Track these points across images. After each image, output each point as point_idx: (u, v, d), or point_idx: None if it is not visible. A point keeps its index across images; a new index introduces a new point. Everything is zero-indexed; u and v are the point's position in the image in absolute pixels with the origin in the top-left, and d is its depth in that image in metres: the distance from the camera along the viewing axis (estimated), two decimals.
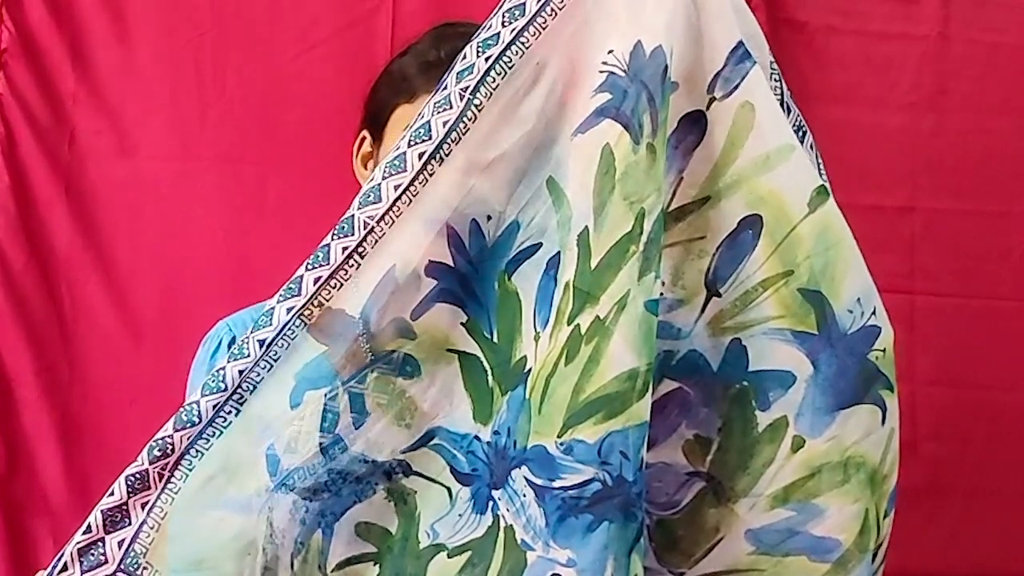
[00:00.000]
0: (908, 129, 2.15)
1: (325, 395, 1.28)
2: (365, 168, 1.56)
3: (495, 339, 1.32)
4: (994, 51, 2.15)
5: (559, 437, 1.23)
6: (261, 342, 1.27)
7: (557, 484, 1.23)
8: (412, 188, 1.28)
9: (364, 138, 1.56)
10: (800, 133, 1.34)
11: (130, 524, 1.27)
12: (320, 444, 1.28)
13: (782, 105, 1.33)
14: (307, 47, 2.06)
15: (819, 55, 2.09)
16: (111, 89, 2.05)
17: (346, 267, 1.28)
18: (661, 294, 1.26)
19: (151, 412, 1.98)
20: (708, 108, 1.29)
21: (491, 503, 1.29)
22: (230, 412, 1.28)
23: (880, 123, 2.14)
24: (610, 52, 1.29)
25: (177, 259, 2.05)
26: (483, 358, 1.32)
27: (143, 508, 1.28)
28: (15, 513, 2.02)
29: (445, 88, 1.29)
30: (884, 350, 1.29)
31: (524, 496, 1.26)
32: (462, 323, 1.31)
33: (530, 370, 1.29)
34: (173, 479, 1.28)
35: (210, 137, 2.05)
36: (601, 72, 1.29)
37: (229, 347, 1.52)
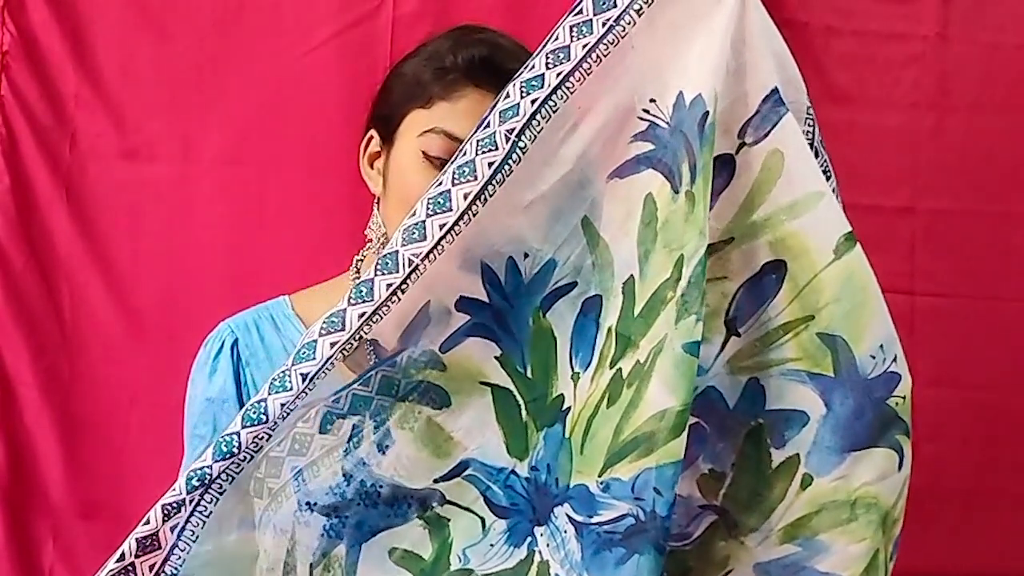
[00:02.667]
0: (908, 129, 2.15)
1: (353, 421, 1.32)
2: (371, 167, 1.55)
3: (529, 374, 1.35)
4: (994, 51, 2.15)
5: (599, 476, 1.28)
6: (304, 376, 1.30)
7: (595, 520, 1.28)
8: (456, 227, 1.31)
9: (372, 138, 1.55)
10: (825, 175, 1.35)
11: (160, 548, 1.30)
12: (343, 467, 1.32)
13: (811, 148, 1.35)
14: (308, 49, 2.06)
15: (819, 55, 2.09)
16: (112, 91, 2.05)
17: (389, 303, 1.31)
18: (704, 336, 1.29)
19: (151, 412, 2.00)
20: (737, 152, 1.32)
21: (529, 538, 1.34)
22: (262, 439, 1.31)
23: (880, 123, 2.14)
24: (652, 101, 1.32)
25: (178, 260, 2.05)
26: (516, 392, 1.35)
27: (172, 531, 1.30)
28: (15, 513, 2.03)
29: (488, 126, 1.32)
30: (904, 397, 1.32)
31: (566, 532, 1.31)
32: (495, 357, 1.35)
33: (568, 409, 1.33)
34: (203, 502, 1.30)
35: (211, 138, 2.05)
36: (642, 120, 1.33)
37: (232, 348, 1.52)
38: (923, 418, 2.02)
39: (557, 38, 1.33)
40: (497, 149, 1.31)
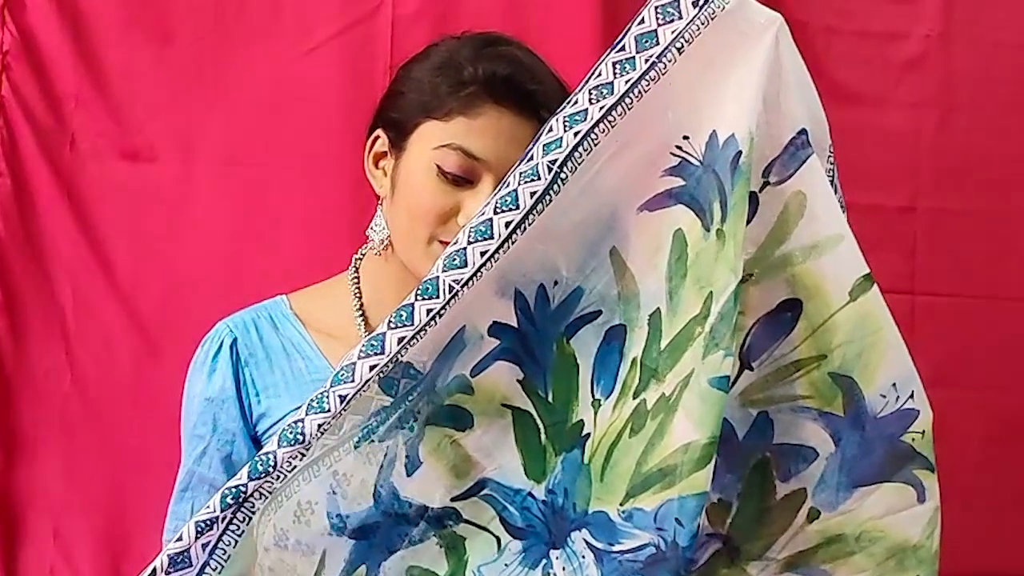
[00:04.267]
0: (909, 129, 2.15)
1: (386, 445, 1.34)
2: (376, 167, 1.53)
3: (550, 398, 1.38)
4: (995, 51, 2.16)
5: (621, 505, 1.31)
6: (342, 397, 1.32)
7: (616, 548, 1.31)
8: (496, 255, 1.33)
9: (378, 137, 1.52)
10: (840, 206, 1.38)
11: (191, 566, 1.32)
12: (375, 491, 1.34)
13: (832, 185, 1.37)
14: (307, 49, 2.06)
15: (820, 55, 2.09)
16: (112, 91, 2.05)
17: (427, 328, 1.33)
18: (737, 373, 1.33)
19: (151, 412, 2.00)
20: (761, 190, 1.33)
21: (544, 561, 1.36)
22: (296, 458, 1.33)
23: (881, 123, 2.14)
24: (686, 138, 1.35)
25: (178, 260, 2.05)
26: (536, 416, 1.38)
27: (204, 549, 1.32)
28: (15, 512, 2.03)
29: (531, 159, 1.34)
30: (923, 432, 1.34)
31: (583, 558, 1.34)
32: (518, 380, 1.37)
33: (587, 435, 1.36)
34: (236, 520, 1.33)
35: (211, 139, 2.05)
36: (674, 155, 1.35)
37: (232, 348, 1.52)
38: None
39: (600, 74, 1.35)
40: (539, 179, 1.33)
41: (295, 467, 1.32)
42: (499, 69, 1.44)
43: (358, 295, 1.54)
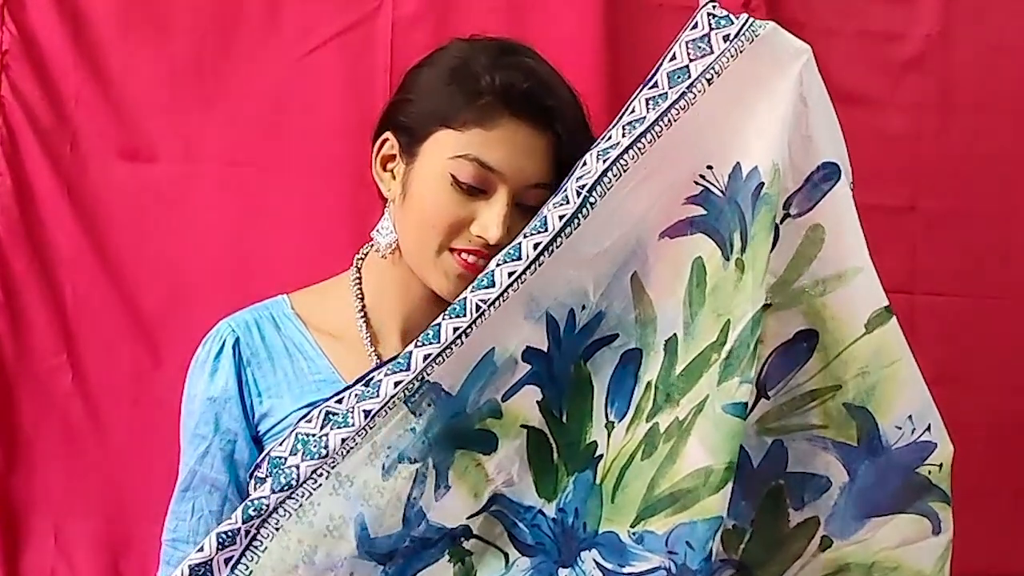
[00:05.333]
0: (910, 129, 2.15)
1: (417, 468, 1.35)
2: (384, 170, 1.51)
3: (564, 419, 1.40)
4: (995, 51, 2.15)
5: (632, 527, 1.33)
6: (366, 412, 1.35)
7: (626, 569, 1.33)
8: (523, 276, 1.36)
9: (387, 140, 1.50)
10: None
11: None
12: (404, 515, 1.35)
13: None
14: (308, 49, 2.06)
15: (820, 56, 2.08)
16: (113, 91, 2.05)
17: (453, 346, 1.35)
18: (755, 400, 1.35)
19: (152, 412, 1.99)
20: (782, 222, 1.35)
21: None
22: (322, 475, 1.34)
23: (882, 123, 2.14)
24: (709, 168, 1.37)
25: (178, 259, 2.05)
26: (550, 435, 1.39)
27: (226, 564, 1.33)
28: (15, 513, 2.02)
29: (564, 190, 1.37)
30: (940, 465, 1.37)
31: None
32: (537, 401, 1.39)
33: (600, 456, 1.38)
34: (259, 537, 1.33)
35: (211, 139, 2.05)
36: (697, 184, 1.38)
37: (234, 348, 1.51)
38: None
39: (633, 110, 1.39)
40: (569, 204, 1.36)
41: (319, 483, 1.34)
42: (517, 81, 1.43)
43: (360, 296, 1.54)
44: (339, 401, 1.43)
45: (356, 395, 1.35)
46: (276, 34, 2.06)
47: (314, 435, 1.35)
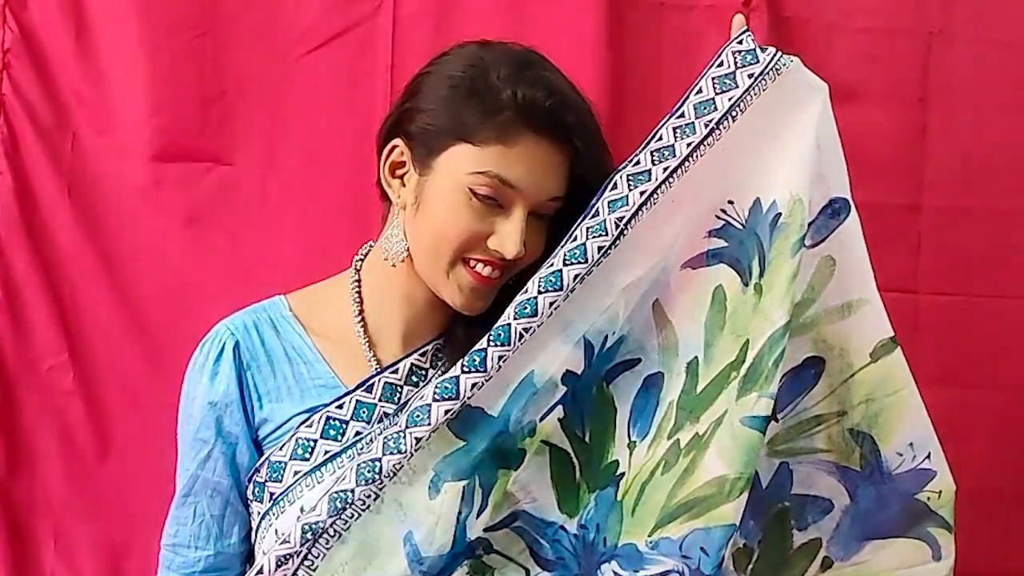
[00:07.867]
0: (913, 127, 2.14)
1: (463, 487, 1.38)
2: (394, 177, 1.49)
3: (586, 438, 1.43)
4: (998, 48, 2.14)
5: (649, 536, 1.36)
6: (417, 439, 1.38)
7: (640, 574, 1.36)
8: (557, 303, 1.39)
9: (396, 147, 1.48)
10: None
11: None
12: (455, 533, 1.38)
13: None
14: (308, 49, 2.05)
15: (822, 53, 2.08)
16: (114, 90, 2.05)
17: (494, 372, 1.38)
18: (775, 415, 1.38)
19: (152, 413, 1.99)
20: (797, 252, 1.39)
21: None
22: (370, 496, 1.38)
23: (885, 121, 2.13)
24: (730, 202, 1.42)
25: (178, 259, 2.04)
26: (572, 454, 1.43)
27: None
28: (15, 513, 2.02)
29: (597, 214, 1.40)
30: (939, 492, 1.41)
31: None
32: (559, 419, 1.42)
33: (622, 474, 1.42)
34: (311, 556, 1.38)
35: (212, 138, 2.05)
36: (718, 218, 1.43)
37: (234, 351, 1.51)
38: None
39: (661, 137, 1.42)
40: (607, 235, 1.40)
41: (369, 507, 1.37)
42: (539, 98, 1.41)
43: (358, 300, 1.53)
44: (340, 407, 1.44)
45: (407, 420, 1.38)
46: (276, 33, 2.05)
47: (369, 461, 1.38)
